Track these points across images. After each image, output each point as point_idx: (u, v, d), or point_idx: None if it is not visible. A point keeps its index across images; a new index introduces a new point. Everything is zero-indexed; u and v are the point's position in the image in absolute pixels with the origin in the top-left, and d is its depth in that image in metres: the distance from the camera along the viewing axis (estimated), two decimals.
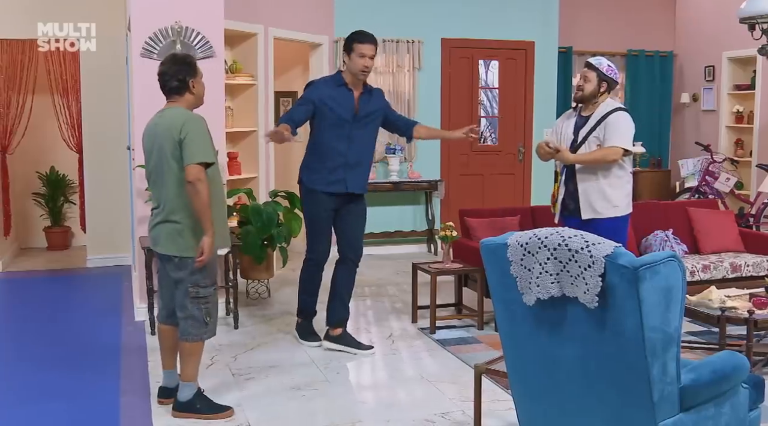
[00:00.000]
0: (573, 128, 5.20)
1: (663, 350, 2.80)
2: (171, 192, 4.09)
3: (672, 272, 2.79)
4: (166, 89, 4.23)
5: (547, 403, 3.20)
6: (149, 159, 4.22)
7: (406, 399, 4.51)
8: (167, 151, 4.04)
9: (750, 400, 3.30)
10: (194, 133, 4.01)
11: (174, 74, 4.18)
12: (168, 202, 4.11)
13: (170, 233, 4.11)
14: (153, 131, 4.16)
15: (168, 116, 4.12)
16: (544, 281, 2.91)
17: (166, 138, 4.04)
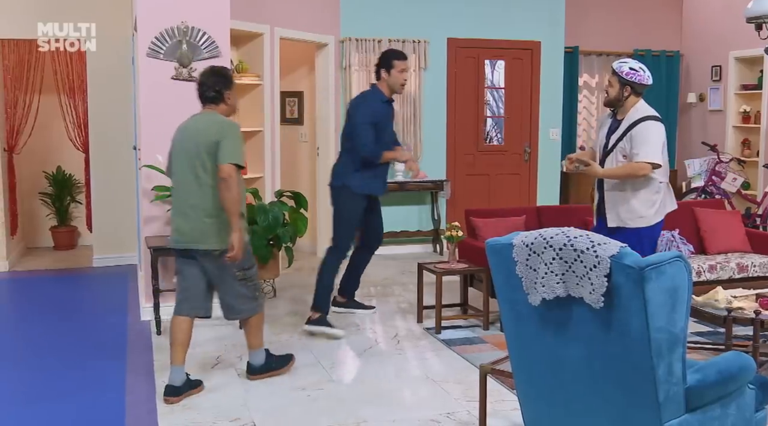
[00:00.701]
0: (607, 132, 5.13)
1: (669, 351, 2.79)
2: (208, 192, 4.42)
3: (678, 272, 2.78)
4: (203, 98, 4.60)
5: (552, 403, 3.19)
6: (179, 158, 4.55)
7: (412, 399, 4.51)
8: (204, 153, 4.39)
9: (756, 401, 3.28)
10: (231, 137, 4.39)
11: (212, 85, 4.56)
12: (204, 200, 4.43)
13: (212, 229, 4.44)
14: (189, 132, 4.53)
15: (205, 120, 4.51)
16: (549, 281, 2.90)
17: (203, 140, 4.40)
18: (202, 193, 4.43)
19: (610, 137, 5.07)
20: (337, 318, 6.16)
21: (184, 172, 4.51)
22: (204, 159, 4.40)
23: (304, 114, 8.96)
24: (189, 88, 6.01)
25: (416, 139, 8.88)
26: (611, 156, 5.03)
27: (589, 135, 10.65)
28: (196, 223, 4.46)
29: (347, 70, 8.57)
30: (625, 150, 4.94)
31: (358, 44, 8.57)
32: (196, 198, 4.45)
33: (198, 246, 4.48)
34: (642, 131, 4.89)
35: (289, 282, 7.42)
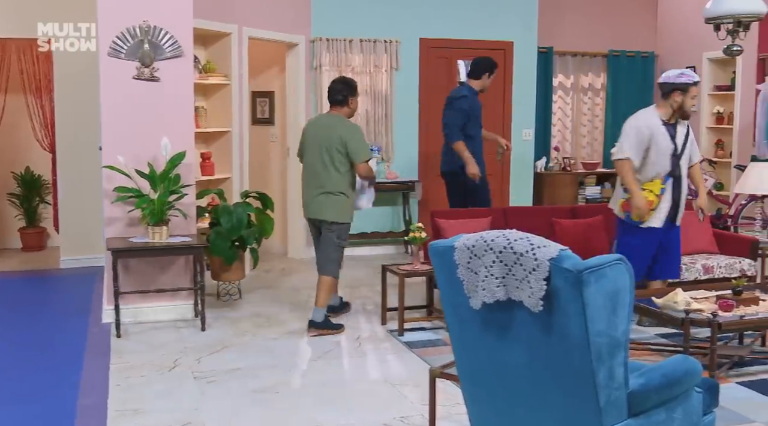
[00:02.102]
0: (671, 138, 5.52)
1: (609, 355, 2.75)
2: (334, 175, 5.70)
3: (619, 275, 2.74)
4: (333, 100, 5.86)
5: (497, 407, 3.15)
6: (310, 149, 5.81)
7: (368, 402, 4.45)
8: (332, 147, 5.67)
9: (704, 405, 3.26)
10: (357, 138, 5.70)
11: (340, 91, 5.82)
12: (329, 181, 5.70)
13: (333, 204, 5.72)
14: (322, 130, 5.78)
15: (333, 120, 5.79)
16: (489, 285, 2.86)
17: (336, 138, 5.65)
18: (327, 177, 5.70)
19: (676, 142, 5.54)
20: (301, 319, 6.12)
21: (314, 160, 5.77)
22: (332, 152, 5.67)
23: (275, 114, 8.90)
24: (151, 87, 5.99)
25: (387, 139, 8.84)
26: (684, 158, 5.60)
27: (564, 136, 10.64)
28: (322, 199, 5.74)
29: (318, 70, 8.52)
30: (691, 148, 5.67)
31: (329, 44, 8.52)
32: (322, 180, 5.72)
33: (317, 216, 5.80)
34: (693, 135, 5.75)
35: (256, 284, 7.37)
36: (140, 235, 5.94)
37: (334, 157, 5.68)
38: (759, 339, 5.47)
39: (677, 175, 5.60)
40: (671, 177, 5.58)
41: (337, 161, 5.69)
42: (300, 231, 8.63)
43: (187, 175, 6.06)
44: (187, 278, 6.14)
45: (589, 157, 10.70)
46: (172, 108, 6.07)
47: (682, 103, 5.48)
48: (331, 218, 5.76)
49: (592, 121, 10.81)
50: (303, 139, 5.96)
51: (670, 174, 5.57)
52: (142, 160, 5.91)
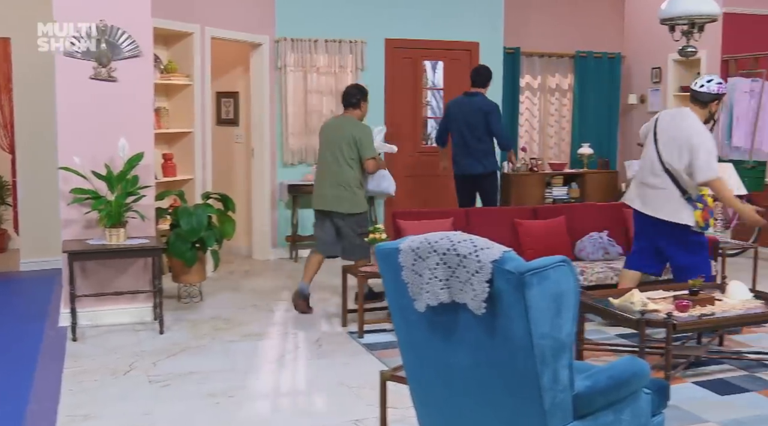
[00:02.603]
0: None
1: (554, 357, 2.73)
2: (347, 171, 6.29)
3: (563, 277, 2.72)
4: (347, 103, 6.49)
5: (444, 410, 3.12)
6: (326, 146, 6.41)
7: (323, 406, 4.43)
8: (345, 145, 6.28)
9: (653, 405, 3.26)
10: (366, 137, 6.33)
11: (354, 94, 6.48)
12: (343, 176, 6.29)
13: (347, 198, 6.30)
14: (337, 130, 6.38)
15: (347, 121, 6.42)
16: (433, 287, 2.83)
17: (349, 137, 6.27)
18: (342, 173, 6.29)
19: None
20: (261, 322, 6.08)
21: (329, 157, 6.35)
22: (345, 150, 6.27)
23: (239, 115, 8.83)
24: (109, 88, 5.91)
25: None
26: None
27: (532, 136, 10.66)
28: (336, 192, 6.30)
29: (283, 71, 8.46)
30: None
31: (294, 44, 8.47)
32: (337, 176, 6.30)
33: (334, 209, 6.33)
34: None
35: (218, 286, 7.31)
36: (97, 237, 5.86)
37: (346, 154, 6.28)
38: (716, 339, 5.49)
39: None
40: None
41: (349, 158, 6.28)
42: (264, 232, 8.58)
43: (145, 177, 5.99)
44: (146, 280, 6.06)
45: (557, 158, 10.73)
46: (131, 108, 6.00)
47: (716, 112, 5.60)
48: (346, 211, 6.33)
49: (560, 122, 10.84)
50: (321, 139, 6.57)
51: None
52: (99, 161, 5.83)
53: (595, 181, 10.48)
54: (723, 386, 4.70)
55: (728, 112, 8.83)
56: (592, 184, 10.43)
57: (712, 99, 5.47)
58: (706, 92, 5.47)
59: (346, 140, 6.28)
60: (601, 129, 10.83)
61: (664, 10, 6.50)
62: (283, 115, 8.52)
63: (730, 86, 8.76)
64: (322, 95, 8.65)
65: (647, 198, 5.53)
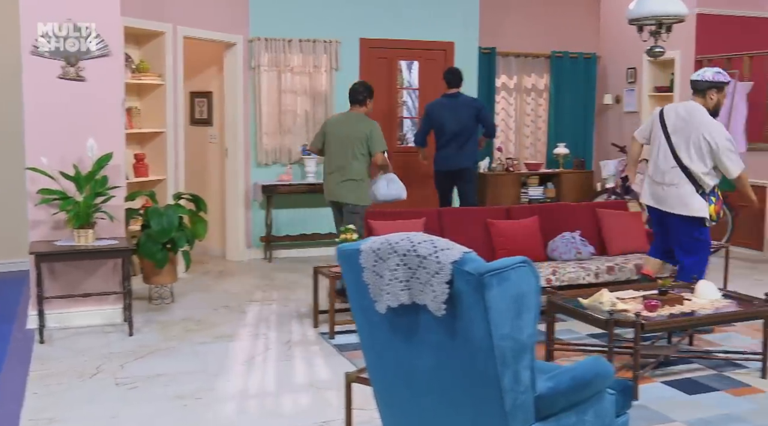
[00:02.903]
0: None
1: (515, 358, 2.72)
2: (355, 163, 6.62)
3: (523, 278, 2.70)
4: (354, 100, 6.76)
5: (408, 412, 3.11)
6: (335, 141, 6.69)
7: (290, 408, 4.39)
8: (356, 140, 6.60)
9: (617, 406, 3.25)
10: (376, 131, 6.64)
11: (361, 92, 6.76)
12: (352, 169, 6.62)
13: (355, 190, 6.64)
14: (346, 126, 6.68)
15: (356, 117, 6.71)
16: (394, 288, 2.81)
17: (359, 133, 6.59)
18: (350, 166, 6.61)
19: None
20: (232, 323, 6.04)
21: (339, 151, 6.67)
22: (356, 144, 6.60)
23: (213, 115, 8.78)
24: (78, 87, 5.85)
25: None
26: None
27: (508, 136, 10.67)
28: (344, 184, 6.64)
29: (257, 71, 8.42)
30: None
31: (268, 44, 8.43)
32: (346, 168, 6.62)
33: (342, 200, 6.69)
34: None
35: (191, 287, 7.26)
36: (66, 238, 5.80)
37: (356, 148, 6.61)
38: (686, 338, 5.51)
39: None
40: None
41: (358, 152, 6.61)
42: (239, 233, 8.53)
43: (115, 177, 5.93)
44: (115, 282, 6.00)
45: (533, 158, 10.75)
46: (100, 108, 5.94)
47: (717, 101, 5.64)
48: (353, 202, 6.65)
49: (536, 122, 10.86)
50: (326, 133, 6.81)
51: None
52: (68, 161, 5.77)
53: (571, 181, 10.51)
54: (691, 385, 4.71)
55: None
56: (567, 184, 10.46)
57: (708, 86, 5.60)
58: (701, 80, 5.64)
59: (357, 135, 6.60)
60: (576, 129, 10.87)
61: (632, 11, 6.53)
62: (257, 115, 8.48)
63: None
64: (296, 95, 8.61)
65: (660, 194, 5.72)
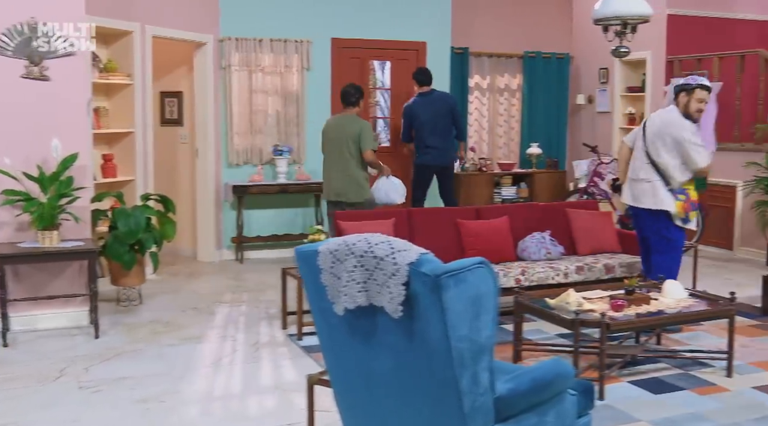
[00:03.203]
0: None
1: (473, 360, 2.70)
2: (351, 162, 6.94)
3: (481, 279, 2.68)
4: (347, 101, 7.10)
5: (367, 414, 3.09)
6: (332, 142, 7.04)
7: (255, 410, 4.36)
8: (350, 139, 6.91)
9: (579, 407, 3.25)
10: (367, 131, 6.98)
11: (353, 94, 7.09)
12: (348, 168, 6.94)
13: (354, 187, 6.98)
14: (340, 126, 7.03)
15: (350, 118, 7.04)
16: (351, 290, 2.79)
17: (352, 132, 6.91)
18: (348, 166, 6.95)
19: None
20: (201, 325, 6.00)
21: (335, 151, 7.01)
22: (350, 143, 6.91)
23: (184, 115, 8.71)
24: (42, 87, 5.77)
25: (299, 140, 8.73)
26: None
27: (481, 136, 10.67)
28: (344, 183, 6.98)
29: (227, 70, 8.37)
30: None
31: (238, 44, 8.38)
32: (343, 169, 6.96)
33: (343, 198, 7.00)
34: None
35: (160, 288, 7.20)
36: (30, 240, 5.73)
37: (351, 147, 6.92)
38: (654, 337, 5.52)
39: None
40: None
41: (354, 150, 6.92)
42: (209, 234, 8.47)
43: (81, 178, 5.87)
44: (81, 284, 5.93)
45: (506, 158, 10.76)
46: (65, 108, 5.87)
47: (687, 103, 5.76)
48: (353, 199, 6.99)
49: (509, 122, 10.87)
50: (323, 135, 7.18)
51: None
52: (32, 162, 5.70)
53: (544, 181, 10.53)
54: (657, 385, 4.72)
55: None
56: (540, 184, 10.48)
57: (679, 90, 5.81)
58: (674, 85, 5.90)
59: (350, 135, 6.90)
60: (550, 129, 10.89)
61: (597, 11, 6.55)
62: (228, 115, 8.43)
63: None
64: (267, 95, 8.57)
65: (635, 192, 5.93)
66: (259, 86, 8.51)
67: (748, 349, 5.44)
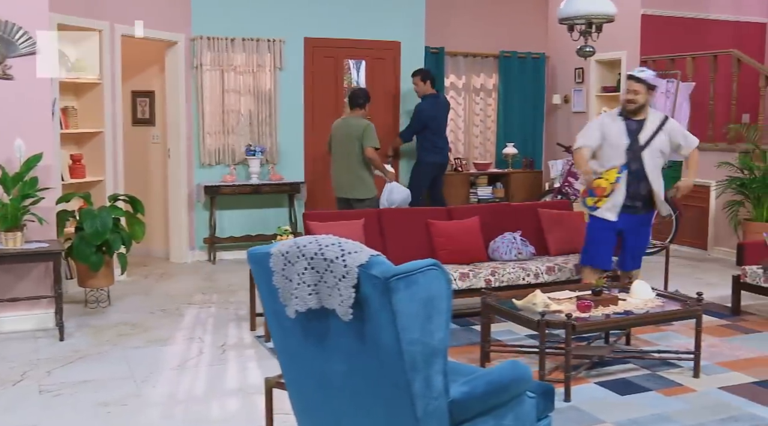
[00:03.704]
0: (627, 133, 5.74)
1: (426, 363, 2.66)
2: (356, 160, 7.34)
3: (433, 281, 2.64)
4: (354, 103, 7.46)
5: (323, 417, 3.04)
6: (339, 142, 7.45)
7: (217, 413, 4.30)
8: (355, 139, 7.29)
9: (538, 409, 3.22)
10: (370, 131, 7.29)
11: (360, 96, 7.47)
12: (353, 166, 7.35)
13: (358, 184, 7.38)
14: (346, 127, 7.41)
15: (355, 120, 7.40)
16: (301, 292, 2.75)
17: (356, 132, 7.28)
18: (353, 162, 7.34)
19: (637, 137, 5.73)
20: (168, 327, 5.93)
21: (341, 151, 7.41)
22: (354, 142, 7.30)
23: (156, 114, 8.63)
24: (4, 86, 5.69)
25: (272, 140, 8.67)
26: (648, 152, 5.73)
27: (457, 136, 10.64)
28: (350, 181, 7.38)
29: (199, 70, 8.30)
30: (664, 144, 5.75)
31: (210, 43, 8.31)
32: (350, 165, 7.35)
33: (349, 195, 7.43)
34: (676, 125, 5.93)
35: (130, 289, 7.12)
36: None
37: (356, 146, 7.30)
38: (623, 338, 5.51)
39: (633, 169, 5.76)
40: (627, 169, 5.76)
41: (358, 150, 7.29)
42: (182, 234, 8.40)
43: (46, 179, 5.79)
44: (48, 286, 5.85)
45: (482, 158, 10.74)
46: (28, 108, 5.79)
47: (622, 100, 5.85)
48: (360, 196, 7.37)
49: (485, 122, 10.84)
50: (331, 136, 7.56)
51: (625, 166, 5.76)
52: None
53: (520, 181, 10.51)
54: (624, 386, 4.71)
55: None
56: (516, 184, 10.47)
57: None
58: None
59: (355, 134, 7.28)
60: (525, 129, 10.87)
61: (562, 10, 6.53)
62: (200, 115, 8.36)
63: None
64: (239, 95, 8.51)
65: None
66: (231, 86, 8.45)
67: (716, 349, 5.44)
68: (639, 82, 5.70)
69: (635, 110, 5.75)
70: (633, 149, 5.74)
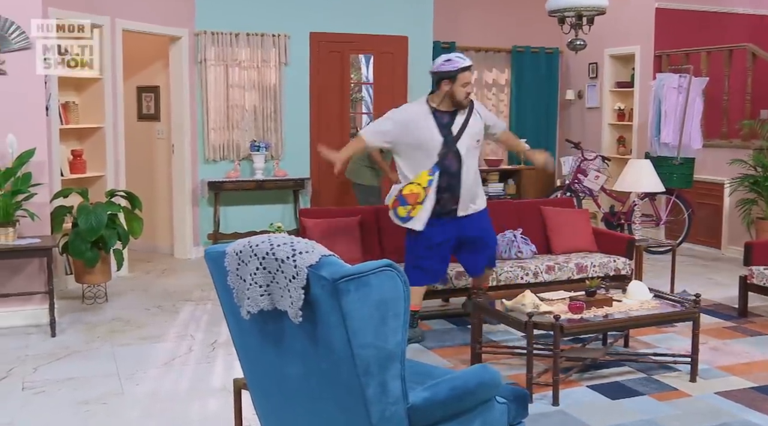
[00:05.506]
0: (438, 127, 5.16)
1: (380, 368, 2.57)
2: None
3: (387, 283, 2.54)
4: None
5: (282, 419, 2.97)
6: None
7: (197, 413, 4.24)
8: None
9: (510, 415, 3.11)
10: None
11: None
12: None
13: (359, 172, 7.69)
14: None
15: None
16: (253, 293, 2.66)
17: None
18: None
19: (450, 129, 5.17)
20: (162, 324, 5.89)
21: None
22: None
23: (161, 110, 8.60)
24: None
25: (277, 136, 8.61)
26: (462, 143, 5.19)
27: None
28: (353, 169, 7.67)
29: (203, 65, 8.25)
30: (475, 131, 5.25)
31: (215, 38, 8.25)
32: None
33: (359, 181, 7.74)
34: (482, 107, 5.52)
35: (128, 285, 7.09)
36: None
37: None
38: (621, 340, 5.37)
39: (446, 166, 5.19)
40: (439, 168, 5.17)
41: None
42: (186, 230, 8.36)
43: (39, 174, 5.77)
44: (41, 281, 5.83)
45: (493, 154, 10.61)
46: (21, 103, 5.77)
47: (453, 93, 5.12)
48: (359, 182, 7.75)
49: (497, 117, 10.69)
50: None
51: (437, 165, 5.18)
52: None
53: (532, 178, 10.38)
54: (617, 389, 4.58)
55: (657, 108, 8.74)
56: (528, 181, 10.34)
57: (439, 79, 5.13)
58: (432, 72, 5.23)
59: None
60: (539, 125, 10.73)
61: (551, 2, 6.38)
62: (204, 111, 8.31)
63: (659, 82, 8.68)
64: (244, 90, 8.45)
65: None
66: (235, 81, 8.39)
67: (717, 352, 5.29)
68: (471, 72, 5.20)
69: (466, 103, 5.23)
70: (449, 143, 5.17)
